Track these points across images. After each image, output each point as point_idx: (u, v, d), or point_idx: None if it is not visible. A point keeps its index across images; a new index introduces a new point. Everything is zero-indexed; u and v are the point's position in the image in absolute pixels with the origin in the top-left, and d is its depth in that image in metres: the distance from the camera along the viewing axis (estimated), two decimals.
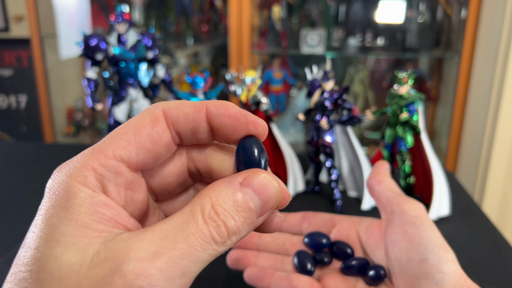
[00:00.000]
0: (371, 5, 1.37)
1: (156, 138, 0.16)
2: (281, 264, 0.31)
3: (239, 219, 0.15)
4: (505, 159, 1.09)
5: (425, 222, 0.26)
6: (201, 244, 0.14)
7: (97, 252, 0.14)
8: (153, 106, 0.17)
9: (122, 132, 0.16)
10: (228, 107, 0.16)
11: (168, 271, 0.14)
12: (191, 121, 0.16)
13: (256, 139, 0.17)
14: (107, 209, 0.15)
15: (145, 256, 0.13)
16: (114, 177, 0.15)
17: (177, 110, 0.16)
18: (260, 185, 0.15)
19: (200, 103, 0.17)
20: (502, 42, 1.04)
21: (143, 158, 0.16)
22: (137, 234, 0.14)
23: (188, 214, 0.15)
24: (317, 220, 0.33)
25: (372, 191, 0.30)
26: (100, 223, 0.14)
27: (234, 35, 1.22)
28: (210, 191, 0.15)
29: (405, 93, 0.49)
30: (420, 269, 0.25)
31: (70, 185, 0.14)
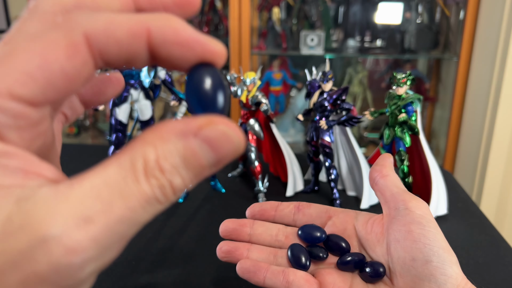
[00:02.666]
0: (370, 6, 1.37)
1: (73, 74, 0.12)
2: (274, 258, 0.29)
3: (187, 176, 0.12)
4: (503, 158, 1.09)
5: (431, 223, 0.25)
6: (142, 206, 0.12)
7: (8, 218, 0.10)
8: (68, 22, 0.12)
9: (22, 60, 0.11)
10: (178, 31, 0.13)
11: (104, 240, 0.11)
12: (125, 50, 0.12)
13: (213, 69, 0.13)
14: (11, 158, 0.11)
15: (74, 224, 0.11)
16: (12, 121, 0.11)
17: (105, 35, 0.12)
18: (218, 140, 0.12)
19: (137, 24, 0.12)
20: (500, 43, 1.05)
21: (51, 97, 0.12)
22: (61, 191, 0.11)
23: (127, 166, 0.12)
24: (312, 212, 0.32)
25: (375, 184, 0.29)
26: (5, 176, 0.11)
27: (234, 36, 1.22)
28: (155, 138, 0.12)
29: (403, 94, 0.50)
30: (424, 270, 0.24)
31: None
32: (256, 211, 0.32)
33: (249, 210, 0.33)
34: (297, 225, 0.32)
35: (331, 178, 0.52)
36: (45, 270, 0.10)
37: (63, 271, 0.11)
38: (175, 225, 0.47)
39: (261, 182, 0.54)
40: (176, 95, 0.53)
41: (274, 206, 0.32)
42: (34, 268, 0.10)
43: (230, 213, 0.50)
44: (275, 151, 0.59)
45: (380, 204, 0.47)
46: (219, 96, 0.13)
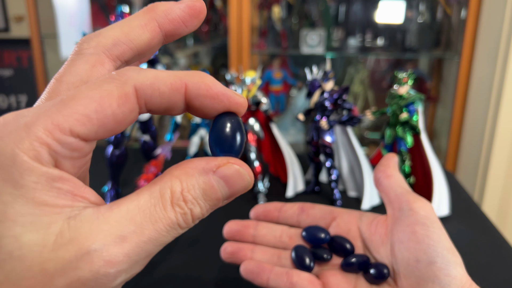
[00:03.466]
0: (371, 5, 1.37)
1: (121, 119, 0.14)
2: (278, 259, 0.30)
3: (205, 206, 0.15)
4: (505, 159, 1.09)
5: (435, 224, 0.25)
6: (167, 230, 0.14)
7: (60, 232, 0.13)
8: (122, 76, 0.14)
9: (83, 104, 0.13)
10: (210, 87, 0.15)
11: (134, 256, 0.14)
12: (166, 101, 0.15)
13: (235, 118, 0.16)
14: (64, 182, 0.14)
15: (112, 241, 0.13)
16: (69, 153, 0.14)
17: (151, 88, 0.14)
18: (233, 178, 0.15)
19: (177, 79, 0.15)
20: (502, 42, 1.04)
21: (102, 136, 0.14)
22: (102, 213, 0.14)
23: (157, 196, 0.14)
24: (316, 213, 0.32)
25: (379, 184, 0.29)
26: (59, 198, 0.13)
27: (234, 35, 1.22)
28: (181, 173, 0.15)
29: (405, 93, 0.49)
30: (428, 271, 0.24)
31: (21, 160, 0.13)
32: (260, 212, 0.32)
33: (253, 211, 0.33)
34: (301, 226, 0.32)
35: (332, 178, 0.52)
36: (87, 278, 0.13)
37: (101, 279, 0.13)
38: None
39: (261, 182, 0.53)
40: None
41: (278, 207, 0.32)
42: (78, 275, 0.13)
43: (230, 213, 0.50)
44: (275, 151, 0.58)
45: (382, 205, 0.47)
46: (237, 141, 0.16)
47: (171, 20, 0.17)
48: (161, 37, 0.17)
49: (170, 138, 0.55)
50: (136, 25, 0.16)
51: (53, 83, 0.16)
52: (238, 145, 0.16)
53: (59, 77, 0.16)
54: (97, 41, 0.16)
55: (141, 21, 0.16)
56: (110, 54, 0.16)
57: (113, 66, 0.16)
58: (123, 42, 0.16)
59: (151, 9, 0.17)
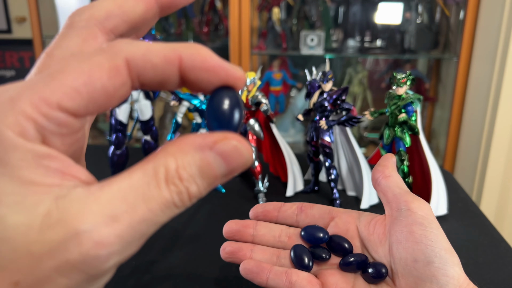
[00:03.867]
0: (370, 6, 1.37)
1: (112, 92, 0.14)
2: (277, 258, 0.30)
3: (202, 184, 0.14)
4: (503, 158, 1.09)
5: (433, 224, 0.26)
6: (161, 209, 0.13)
7: (47, 212, 0.12)
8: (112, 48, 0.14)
9: (71, 77, 0.13)
10: (206, 59, 0.14)
11: (127, 237, 0.13)
12: (159, 74, 0.14)
13: (232, 93, 0.15)
14: (52, 160, 0.13)
15: (103, 221, 0.12)
16: (57, 128, 0.13)
17: (143, 60, 0.14)
18: (231, 154, 0.14)
19: (171, 51, 0.14)
20: (500, 43, 1.05)
21: (92, 110, 0.14)
22: (92, 192, 0.13)
23: (150, 174, 0.13)
24: (315, 212, 0.32)
25: (377, 185, 0.29)
26: (47, 176, 0.13)
27: (234, 36, 1.23)
28: (176, 150, 0.14)
29: (403, 94, 0.50)
30: (426, 271, 0.24)
31: (5, 136, 0.12)
32: (259, 212, 0.33)
33: (252, 211, 0.33)
34: (300, 226, 0.32)
35: (331, 178, 0.52)
36: (76, 260, 0.12)
37: (91, 261, 0.12)
38: (175, 225, 0.47)
39: (261, 182, 0.54)
40: (176, 95, 0.53)
41: (277, 207, 0.33)
42: (67, 257, 0.12)
43: (230, 213, 0.51)
44: (275, 151, 0.59)
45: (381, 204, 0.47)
46: (235, 116, 0.15)
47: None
48: (156, 9, 0.16)
49: (170, 138, 0.56)
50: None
51: (43, 58, 0.15)
52: (237, 120, 0.15)
53: (50, 52, 0.15)
54: (89, 13, 0.15)
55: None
56: (103, 27, 0.15)
57: (106, 40, 0.16)
58: (116, 15, 0.15)
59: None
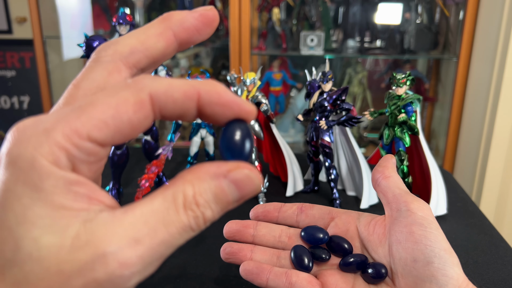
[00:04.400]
0: (370, 7, 1.38)
1: (137, 125, 0.15)
2: (277, 259, 0.30)
3: (216, 210, 0.15)
4: (502, 158, 1.09)
5: (432, 224, 0.26)
6: (179, 232, 0.14)
7: (77, 235, 0.13)
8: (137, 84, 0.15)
9: (100, 110, 0.14)
10: (221, 95, 0.16)
11: (148, 258, 0.14)
12: (179, 108, 0.15)
13: (244, 125, 0.16)
14: (80, 186, 0.14)
15: (127, 243, 0.13)
16: (86, 157, 0.14)
17: (166, 95, 0.15)
18: (243, 181, 0.15)
19: (190, 87, 0.15)
20: (500, 43, 1.05)
21: (117, 141, 0.15)
22: (117, 216, 0.14)
23: (170, 199, 0.14)
24: (315, 213, 0.32)
25: (377, 185, 0.29)
26: (76, 201, 0.14)
27: (235, 36, 1.23)
28: (193, 178, 0.15)
29: (403, 94, 0.50)
30: (425, 271, 0.24)
31: (40, 164, 0.13)
32: (259, 212, 0.33)
33: (252, 211, 0.33)
34: (300, 226, 0.32)
35: (331, 178, 0.52)
36: (102, 279, 0.13)
37: (116, 280, 0.13)
38: None
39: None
40: None
41: (277, 207, 0.33)
42: (94, 276, 0.13)
43: (230, 213, 0.50)
44: (275, 151, 0.59)
45: (380, 204, 0.47)
46: (246, 147, 0.16)
47: (185, 29, 0.17)
48: (176, 45, 0.17)
49: (171, 138, 0.56)
50: (152, 33, 0.17)
51: (70, 89, 0.16)
52: (247, 151, 0.16)
53: (77, 83, 0.16)
54: (114, 49, 0.16)
55: (157, 30, 0.17)
56: (127, 62, 0.17)
57: (129, 73, 0.17)
58: (139, 51, 0.17)
59: (167, 18, 0.17)
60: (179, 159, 0.67)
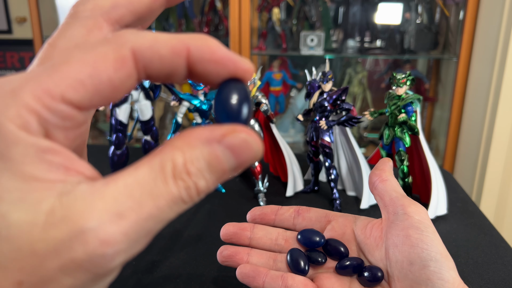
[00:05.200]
0: (370, 7, 1.37)
1: (118, 84, 0.13)
2: (274, 262, 0.30)
3: (210, 179, 0.14)
4: (502, 159, 1.09)
5: (429, 228, 0.26)
6: (169, 205, 0.13)
7: (51, 210, 0.12)
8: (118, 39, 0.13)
9: (76, 68, 0.12)
10: (214, 51, 0.14)
11: (133, 234, 0.12)
12: (167, 66, 0.14)
13: (241, 84, 0.15)
14: (55, 155, 0.12)
15: (108, 218, 0.12)
16: (61, 122, 0.13)
17: (151, 51, 0.13)
18: (240, 147, 0.13)
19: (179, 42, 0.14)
20: (500, 43, 1.05)
21: (97, 103, 0.13)
22: (98, 188, 0.12)
23: (157, 168, 0.13)
24: (311, 216, 0.32)
25: (374, 188, 0.29)
26: (50, 172, 0.12)
27: (234, 36, 1.23)
28: (183, 144, 0.13)
29: (403, 94, 0.50)
30: (421, 274, 0.25)
31: (6, 130, 0.12)
32: (256, 215, 0.33)
33: (249, 214, 0.33)
34: (296, 229, 0.32)
35: (331, 178, 0.52)
36: (82, 258, 0.12)
37: (97, 260, 0.12)
38: (175, 225, 0.47)
39: (261, 182, 0.54)
40: (176, 95, 0.53)
41: (274, 210, 0.33)
42: (72, 256, 0.12)
43: (230, 213, 0.51)
44: (275, 151, 0.59)
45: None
46: (244, 109, 0.14)
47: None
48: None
49: (171, 134, 0.56)
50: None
51: (46, 48, 0.15)
52: (246, 113, 0.15)
53: (53, 42, 0.15)
54: (94, 3, 0.15)
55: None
56: (108, 18, 0.15)
57: (111, 30, 0.15)
58: (122, 5, 0.15)
59: None
60: None
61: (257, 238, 0.31)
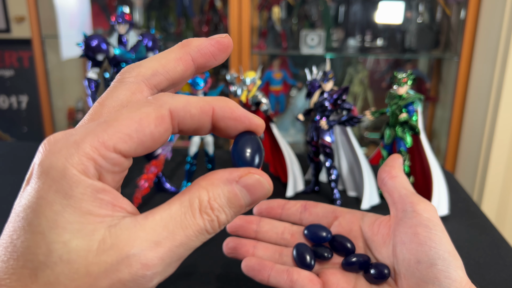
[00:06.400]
0: (371, 6, 1.37)
1: (157, 138, 0.16)
2: (279, 256, 0.30)
3: (230, 213, 0.17)
4: (504, 159, 1.09)
5: (437, 226, 0.26)
6: (196, 235, 0.16)
7: (103, 239, 0.15)
8: (158, 101, 0.16)
9: (125, 124, 0.15)
10: (233, 110, 0.17)
11: (167, 259, 0.15)
12: (196, 122, 0.17)
13: (254, 136, 0.18)
14: (105, 194, 0.15)
15: (148, 246, 0.15)
16: (111, 167, 0.16)
17: (184, 111, 0.17)
18: (254, 186, 0.17)
19: (205, 104, 0.17)
20: (501, 43, 1.05)
21: (140, 152, 0.16)
22: (139, 221, 0.15)
23: (186, 205, 0.16)
24: (318, 211, 0.32)
25: (383, 185, 0.29)
26: (101, 208, 0.15)
27: (234, 36, 1.22)
28: (208, 184, 0.16)
29: (404, 94, 0.50)
30: (428, 273, 0.24)
31: (71, 173, 0.15)
32: (263, 209, 0.33)
33: (256, 207, 0.33)
34: (303, 224, 0.32)
35: (332, 178, 0.52)
36: (127, 279, 0.14)
37: (139, 280, 0.15)
38: None
39: None
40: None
41: (281, 204, 0.33)
42: (119, 277, 0.14)
43: None
44: (275, 151, 0.59)
45: (381, 205, 0.47)
46: (257, 156, 0.18)
47: (203, 55, 0.19)
48: (193, 69, 0.19)
49: (170, 138, 0.55)
50: (172, 58, 0.18)
51: (96, 106, 0.18)
52: (259, 159, 0.18)
53: (102, 101, 0.18)
54: (137, 71, 0.18)
55: (177, 55, 0.19)
56: (149, 83, 0.18)
57: (151, 93, 0.18)
58: (160, 73, 0.18)
59: (186, 44, 0.19)
60: (178, 159, 0.67)
61: (263, 232, 0.31)
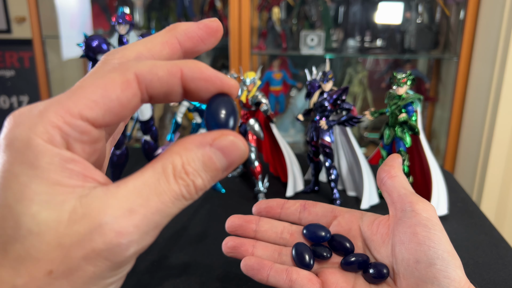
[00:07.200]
0: (370, 6, 1.37)
1: (125, 103, 0.15)
2: (278, 255, 0.30)
3: (206, 177, 0.16)
4: (503, 158, 1.09)
5: (437, 226, 0.26)
6: (172, 201, 0.15)
7: (73, 209, 0.14)
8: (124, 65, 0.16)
9: (90, 91, 0.15)
10: (203, 70, 0.16)
11: (143, 227, 0.15)
12: (165, 85, 0.16)
13: (228, 98, 0.17)
14: (75, 164, 0.15)
15: (121, 214, 0.14)
16: (79, 136, 0.15)
17: (150, 74, 0.16)
18: (228, 147, 0.16)
19: (173, 66, 0.16)
20: (500, 43, 1.05)
21: (109, 120, 0.16)
22: (111, 190, 0.15)
23: (160, 171, 0.15)
24: (318, 211, 0.32)
25: (383, 185, 0.29)
26: (71, 178, 0.14)
27: (234, 36, 1.23)
28: (180, 149, 0.16)
29: (403, 94, 0.50)
30: (427, 272, 0.24)
31: (35, 143, 0.14)
32: (262, 208, 0.33)
33: (255, 207, 0.33)
34: (302, 223, 0.32)
35: (331, 178, 0.52)
36: (101, 248, 0.14)
37: (114, 249, 0.14)
38: (175, 225, 0.47)
39: (261, 182, 0.54)
40: None
41: (280, 204, 0.33)
42: (93, 246, 0.14)
43: (230, 213, 0.50)
44: (275, 151, 0.59)
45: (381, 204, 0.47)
46: (231, 117, 0.17)
47: (190, 38, 0.18)
48: (181, 53, 0.18)
49: (170, 138, 0.56)
50: (158, 41, 0.18)
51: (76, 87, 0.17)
52: (233, 121, 0.17)
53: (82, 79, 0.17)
54: (122, 53, 0.18)
55: (163, 38, 0.18)
56: None
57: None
58: (145, 56, 0.18)
59: (173, 28, 0.18)
60: None
61: (262, 231, 0.31)
